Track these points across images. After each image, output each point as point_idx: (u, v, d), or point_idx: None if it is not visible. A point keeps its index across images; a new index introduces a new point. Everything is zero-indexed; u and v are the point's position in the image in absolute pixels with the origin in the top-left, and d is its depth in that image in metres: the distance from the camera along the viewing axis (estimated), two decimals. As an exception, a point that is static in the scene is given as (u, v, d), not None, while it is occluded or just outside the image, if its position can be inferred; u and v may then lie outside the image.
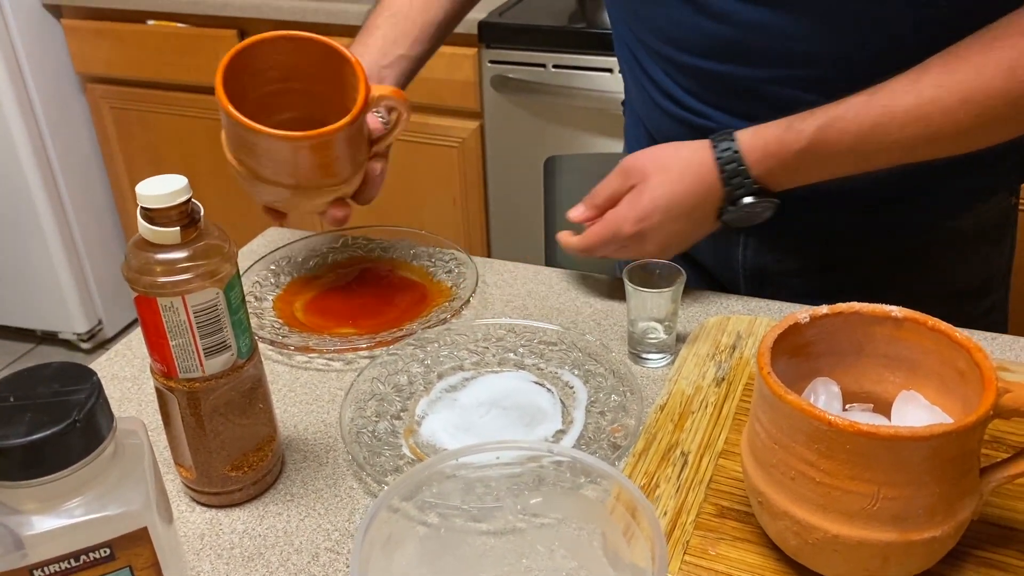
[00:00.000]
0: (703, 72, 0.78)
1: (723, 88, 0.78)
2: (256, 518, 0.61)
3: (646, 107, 0.87)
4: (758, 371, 0.50)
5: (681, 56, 0.79)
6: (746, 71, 0.76)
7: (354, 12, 1.76)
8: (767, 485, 0.51)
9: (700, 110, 0.80)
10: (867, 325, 0.55)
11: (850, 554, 0.49)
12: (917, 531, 0.47)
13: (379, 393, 0.70)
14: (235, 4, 1.84)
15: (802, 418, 0.47)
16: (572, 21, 1.70)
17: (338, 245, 0.90)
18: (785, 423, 0.48)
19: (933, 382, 0.54)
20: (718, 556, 0.54)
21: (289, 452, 0.67)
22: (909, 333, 0.54)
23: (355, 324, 0.79)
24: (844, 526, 0.48)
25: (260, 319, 0.79)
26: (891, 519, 0.47)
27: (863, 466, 0.46)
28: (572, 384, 0.71)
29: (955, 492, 0.48)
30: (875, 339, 0.55)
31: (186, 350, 0.56)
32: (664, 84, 0.82)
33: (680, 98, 0.81)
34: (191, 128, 2.04)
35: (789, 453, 0.49)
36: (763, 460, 0.51)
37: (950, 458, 0.47)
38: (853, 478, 0.47)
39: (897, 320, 0.54)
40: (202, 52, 1.93)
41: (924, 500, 0.47)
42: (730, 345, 0.73)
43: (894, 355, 0.55)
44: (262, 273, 0.86)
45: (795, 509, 0.49)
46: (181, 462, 0.61)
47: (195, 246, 0.54)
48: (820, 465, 0.47)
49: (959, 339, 0.51)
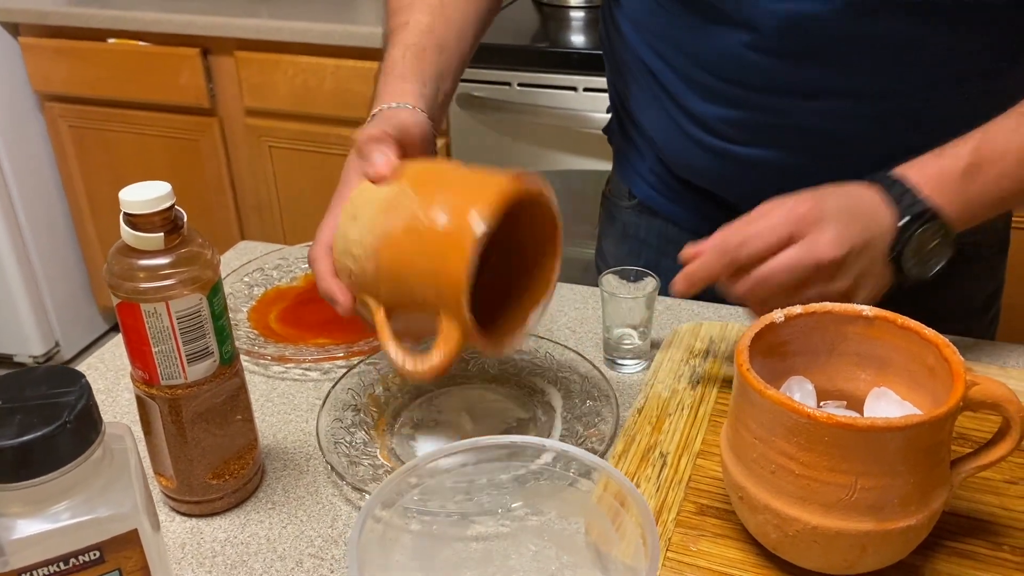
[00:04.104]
0: (750, 103, 0.75)
1: (767, 119, 0.75)
2: (238, 526, 0.61)
3: (670, 136, 0.83)
4: (737, 368, 0.51)
5: (726, 87, 0.76)
6: (794, 102, 0.73)
7: (318, 31, 1.76)
8: (747, 480, 0.52)
9: (736, 137, 0.78)
10: (839, 324, 0.56)
11: (829, 545, 0.50)
12: (893, 520, 0.49)
13: (356, 403, 0.70)
14: (198, 23, 1.84)
15: (782, 412, 0.48)
16: (536, 40, 1.72)
17: (311, 257, 0.90)
18: (765, 418, 0.50)
19: (903, 379, 0.56)
20: (699, 552, 0.55)
21: (269, 461, 0.66)
22: (880, 331, 0.56)
23: (331, 334, 0.80)
24: (823, 517, 0.49)
25: (235, 330, 0.79)
26: (868, 509, 0.49)
27: (841, 457, 0.48)
28: (547, 392, 0.71)
29: (928, 482, 0.50)
30: (847, 338, 0.57)
31: (169, 356, 0.56)
32: (702, 114, 0.79)
33: (716, 128, 0.78)
34: (151, 147, 2.02)
35: (769, 447, 0.50)
36: (743, 456, 0.52)
37: (923, 448, 0.48)
38: (831, 469, 0.48)
39: (868, 319, 0.56)
40: (164, 71, 1.91)
41: (899, 490, 0.48)
42: (703, 350, 0.75)
43: (865, 353, 0.57)
44: (236, 286, 0.86)
45: (775, 502, 0.50)
46: (161, 471, 0.61)
47: (178, 252, 0.55)
48: (799, 458, 0.49)
49: (928, 336, 0.53)
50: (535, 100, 1.64)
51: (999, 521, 0.57)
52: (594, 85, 1.58)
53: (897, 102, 0.73)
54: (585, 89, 1.60)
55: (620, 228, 0.97)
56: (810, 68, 0.71)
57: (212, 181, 2.02)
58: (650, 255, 0.93)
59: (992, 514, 0.57)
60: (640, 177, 0.92)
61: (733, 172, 0.80)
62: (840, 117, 0.74)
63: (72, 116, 2.06)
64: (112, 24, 1.90)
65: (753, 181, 0.79)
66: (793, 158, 0.76)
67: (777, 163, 0.77)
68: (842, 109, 0.73)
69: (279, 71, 1.83)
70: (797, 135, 0.75)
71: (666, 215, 0.90)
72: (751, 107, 0.75)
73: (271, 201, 2.00)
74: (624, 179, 0.94)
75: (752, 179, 0.79)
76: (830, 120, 0.74)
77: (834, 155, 0.75)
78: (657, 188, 0.90)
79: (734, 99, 0.76)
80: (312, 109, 1.84)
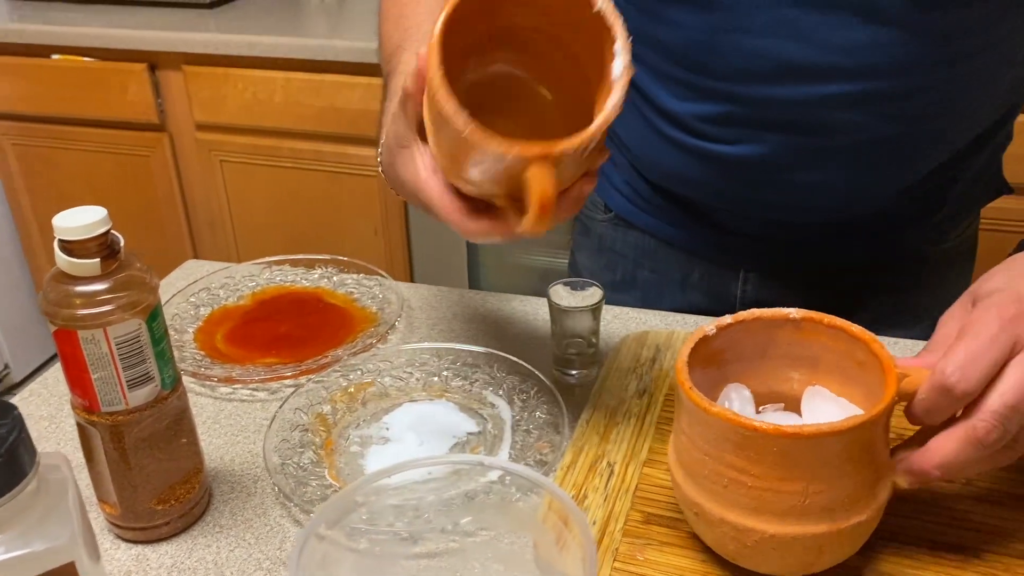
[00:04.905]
0: (725, 95, 0.74)
1: (744, 112, 0.74)
2: (184, 551, 0.60)
3: (646, 141, 0.82)
4: (679, 387, 0.52)
5: (699, 79, 0.74)
6: (788, 91, 0.72)
7: (267, 44, 1.75)
8: (701, 496, 0.52)
9: (714, 134, 0.76)
10: (769, 329, 0.58)
11: (787, 550, 0.51)
12: (845, 519, 0.50)
13: (303, 423, 0.70)
14: (144, 38, 1.82)
15: (729, 427, 0.49)
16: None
17: (259, 275, 0.90)
18: (712, 434, 0.50)
19: (835, 375, 0.57)
20: (646, 561, 0.56)
21: (216, 484, 0.66)
22: (808, 332, 0.57)
23: (278, 353, 0.79)
24: (779, 525, 0.50)
25: (181, 351, 0.78)
26: (821, 512, 0.49)
27: (791, 465, 0.48)
28: (497, 404, 0.72)
29: (873, 476, 0.51)
30: (777, 341, 0.58)
31: (108, 383, 0.55)
32: (677, 113, 0.78)
33: (694, 126, 0.77)
34: (100, 164, 2.00)
35: (719, 463, 0.50)
36: (694, 472, 0.53)
37: (867, 445, 0.49)
38: (783, 479, 0.49)
39: (796, 321, 0.57)
40: (111, 87, 1.89)
41: (848, 488, 0.49)
42: (650, 358, 0.75)
43: (796, 354, 0.58)
44: (182, 306, 0.85)
45: (731, 515, 0.51)
46: (105, 498, 0.60)
47: (115, 277, 0.54)
48: (751, 470, 0.49)
49: (856, 333, 0.55)
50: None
51: (940, 519, 0.58)
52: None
53: (890, 83, 0.71)
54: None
55: (595, 241, 0.97)
56: (784, 44, 0.70)
57: (163, 197, 2.00)
58: (627, 267, 0.93)
59: (934, 512, 0.58)
60: (615, 190, 0.92)
61: (712, 173, 0.79)
62: (816, 106, 0.72)
63: (17, 134, 2.03)
64: (56, 40, 1.88)
65: (732, 182, 0.79)
66: (774, 154, 0.75)
67: (756, 160, 0.76)
68: (819, 97, 0.71)
69: (228, 85, 1.82)
70: (777, 128, 0.74)
71: (642, 227, 0.91)
72: (727, 99, 0.74)
73: (223, 216, 1.98)
74: (598, 192, 0.94)
75: (731, 179, 0.79)
76: (809, 110, 0.72)
77: (816, 148, 0.74)
78: (632, 200, 0.90)
79: (709, 92, 0.75)
80: (263, 122, 1.83)
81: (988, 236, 0.99)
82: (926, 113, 0.73)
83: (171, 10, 1.96)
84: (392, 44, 0.73)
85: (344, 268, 0.90)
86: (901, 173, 0.78)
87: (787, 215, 0.81)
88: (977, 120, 0.78)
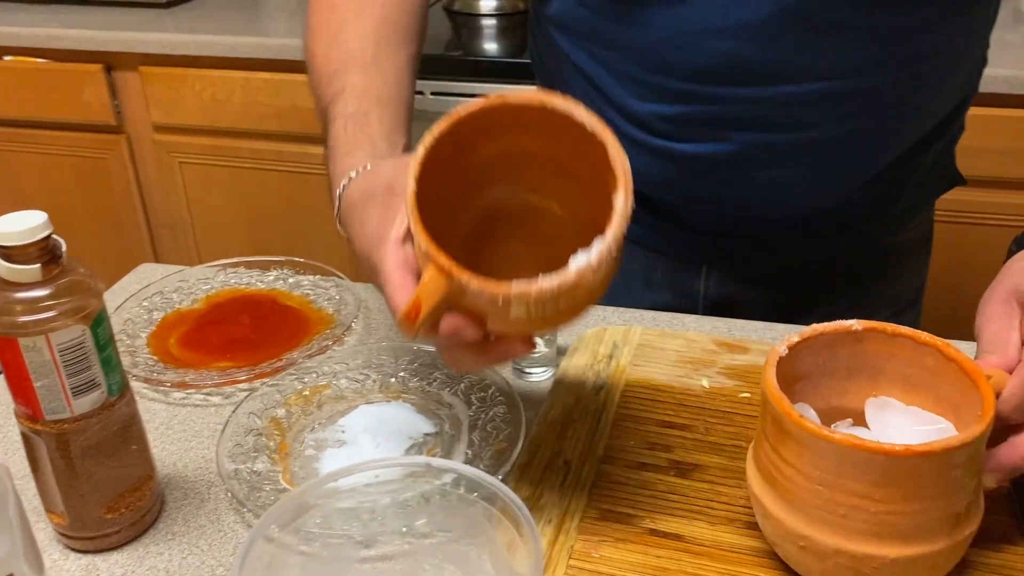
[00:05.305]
0: (695, 96, 0.74)
1: (706, 112, 0.74)
2: (136, 560, 0.59)
3: None
4: (785, 418, 0.50)
5: (662, 80, 0.75)
6: (749, 91, 0.72)
7: (225, 44, 1.73)
8: (812, 528, 0.50)
9: (677, 134, 0.77)
10: (831, 344, 0.56)
11: (906, 572, 0.50)
12: (961, 531, 0.50)
13: (257, 427, 0.69)
14: (99, 38, 1.79)
15: (853, 453, 0.47)
16: (449, 49, 1.72)
17: (213, 278, 0.89)
18: (830, 463, 0.48)
19: (898, 384, 0.56)
20: (602, 558, 0.56)
21: (169, 490, 0.65)
22: (870, 344, 0.56)
23: (233, 357, 0.78)
24: (902, 547, 0.49)
25: (133, 357, 0.77)
26: (941, 527, 0.49)
27: (918, 484, 0.47)
28: (454, 404, 0.71)
29: (979, 483, 0.51)
30: (838, 356, 0.56)
31: (52, 391, 0.54)
32: (640, 114, 0.77)
33: (657, 126, 0.77)
34: (56, 166, 1.96)
35: (838, 491, 0.49)
36: (803, 504, 0.50)
37: (980, 453, 0.49)
38: (908, 498, 0.48)
39: (857, 333, 0.55)
40: (66, 88, 1.86)
41: (966, 500, 0.49)
42: (607, 355, 0.75)
43: (855, 366, 0.56)
44: (134, 311, 0.84)
45: (850, 544, 0.49)
46: (52, 508, 0.59)
47: (57, 283, 0.53)
48: (874, 495, 0.48)
49: (925, 340, 0.54)
50: (448, 108, 1.63)
51: None
52: (506, 92, 1.59)
53: (848, 82, 0.72)
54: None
55: None
56: (752, 52, 0.70)
57: (122, 200, 1.97)
58: None
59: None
60: None
61: (674, 171, 0.79)
62: (777, 104, 0.73)
63: (-31, 138, 1.99)
64: (8, 41, 1.84)
65: (695, 180, 0.79)
66: (736, 153, 0.76)
67: (718, 158, 0.76)
68: (780, 95, 0.72)
69: (186, 85, 1.79)
70: (739, 127, 0.74)
71: None
72: (689, 100, 0.74)
73: (183, 219, 1.96)
74: None
75: (694, 177, 0.79)
76: (770, 108, 0.73)
77: (777, 146, 0.75)
78: None
79: (671, 93, 0.75)
80: (222, 123, 1.81)
81: (943, 228, 1.01)
82: (885, 110, 0.75)
83: (127, 10, 1.93)
84: (329, 69, 0.71)
85: (300, 269, 0.89)
86: (861, 168, 0.79)
87: (750, 211, 0.82)
88: (933, 113, 0.80)
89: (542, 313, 0.49)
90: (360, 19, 0.73)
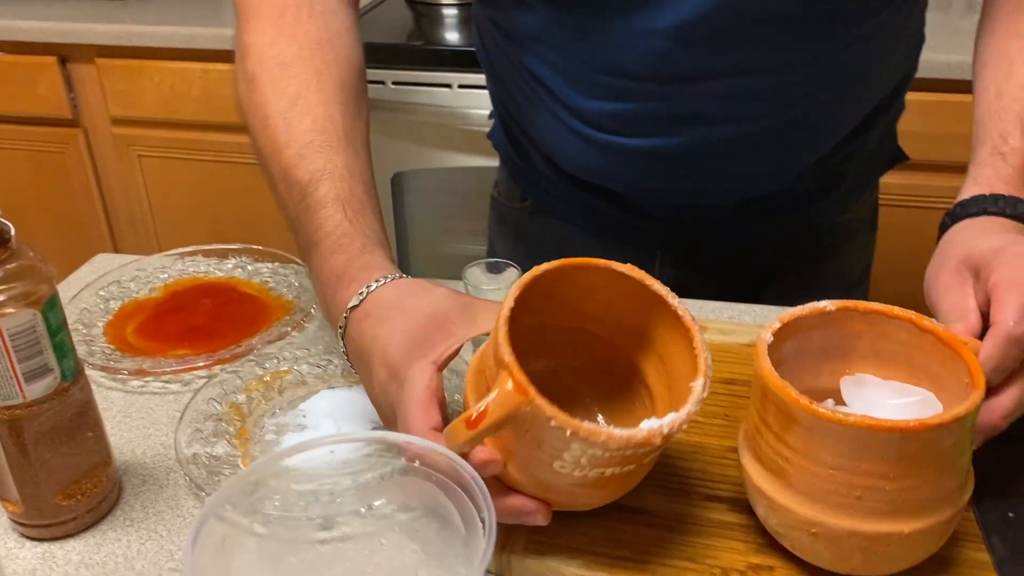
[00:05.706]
0: (642, 94, 0.75)
1: (652, 108, 0.75)
2: (93, 547, 0.59)
3: (560, 136, 0.82)
4: (796, 406, 0.49)
5: (608, 79, 0.75)
6: (695, 88, 0.74)
7: (183, 35, 1.71)
8: (825, 514, 0.50)
9: (623, 129, 0.78)
10: (806, 329, 0.56)
11: (916, 545, 0.50)
12: (962, 496, 0.51)
13: (216, 412, 0.68)
14: (54, 29, 1.76)
15: (869, 434, 0.47)
16: (410, 38, 1.72)
17: (171, 267, 0.88)
18: (845, 446, 0.48)
19: (870, 361, 0.56)
20: (562, 529, 0.56)
21: (127, 478, 0.64)
22: (841, 324, 0.56)
23: (191, 345, 0.78)
24: (915, 521, 0.49)
25: (90, 346, 0.76)
26: (948, 497, 0.50)
27: (929, 457, 0.48)
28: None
29: (971, 451, 0.52)
30: (811, 338, 0.56)
31: (3, 376, 0.53)
32: (589, 111, 0.78)
33: (604, 123, 0.78)
34: (13, 161, 1.93)
35: (853, 473, 0.48)
36: (814, 491, 0.50)
37: (974, 424, 0.50)
38: (918, 472, 0.48)
39: (830, 314, 0.55)
40: (20, 81, 1.83)
41: (966, 466, 0.50)
42: (567, 337, 0.76)
43: (828, 346, 0.56)
44: (91, 300, 0.83)
45: (864, 525, 0.49)
46: (6, 496, 0.58)
47: (6, 267, 0.52)
48: (889, 473, 0.48)
49: (899, 314, 0.54)
50: (410, 98, 1.64)
51: None
52: (469, 82, 1.59)
53: (788, 74, 0.73)
54: (460, 86, 1.60)
55: (514, 230, 0.97)
56: (696, 48, 0.71)
57: (80, 194, 1.94)
58: (549, 255, 0.92)
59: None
60: (531, 182, 0.92)
61: (625, 165, 0.80)
62: (722, 98, 0.74)
63: (-78, 132, 1.95)
64: (-40, 34, 1.81)
65: (646, 173, 0.80)
66: (685, 146, 0.77)
67: (667, 151, 0.77)
68: (724, 89, 0.74)
69: (144, 78, 1.77)
70: (686, 122, 0.75)
71: (560, 216, 0.91)
72: (636, 97, 0.75)
73: (143, 212, 1.94)
74: (515, 182, 0.95)
75: (645, 171, 0.80)
76: (715, 102, 0.74)
77: (726, 137, 0.76)
78: (549, 191, 0.91)
79: (618, 91, 0.76)
80: (181, 115, 1.79)
81: (892, 211, 1.03)
82: (826, 97, 0.76)
83: (82, 0, 1.90)
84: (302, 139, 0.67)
85: (258, 257, 0.89)
86: (807, 153, 0.81)
87: (701, 200, 0.83)
88: (874, 95, 0.81)
89: (589, 467, 0.49)
90: (321, 82, 0.69)
